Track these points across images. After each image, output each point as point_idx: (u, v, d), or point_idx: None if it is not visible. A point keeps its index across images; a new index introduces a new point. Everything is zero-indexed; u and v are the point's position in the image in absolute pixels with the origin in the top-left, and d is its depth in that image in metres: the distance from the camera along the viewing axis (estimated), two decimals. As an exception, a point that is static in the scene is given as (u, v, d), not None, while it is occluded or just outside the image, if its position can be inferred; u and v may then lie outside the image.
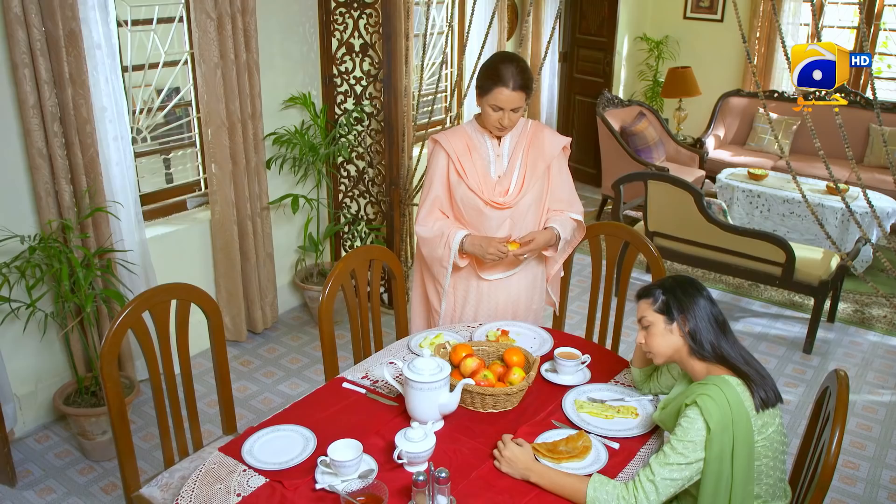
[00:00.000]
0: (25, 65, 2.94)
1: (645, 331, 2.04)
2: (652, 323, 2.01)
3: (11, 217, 3.09)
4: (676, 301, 1.98)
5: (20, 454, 3.27)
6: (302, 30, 4.20)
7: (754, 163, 6.25)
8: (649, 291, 2.05)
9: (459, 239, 2.65)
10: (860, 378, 4.00)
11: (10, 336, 3.23)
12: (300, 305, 4.67)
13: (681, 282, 2.03)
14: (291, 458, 2.01)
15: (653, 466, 1.85)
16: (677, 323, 1.98)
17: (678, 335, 1.98)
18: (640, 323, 2.06)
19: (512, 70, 2.47)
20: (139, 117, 3.69)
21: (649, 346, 2.03)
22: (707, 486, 1.86)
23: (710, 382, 1.89)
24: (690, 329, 1.96)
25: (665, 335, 2.00)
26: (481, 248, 2.61)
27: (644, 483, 1.84)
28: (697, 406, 1.85)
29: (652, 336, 2.02)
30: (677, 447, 1.84)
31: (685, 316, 1.97)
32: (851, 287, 4.99)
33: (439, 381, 2.06)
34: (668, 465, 1.84)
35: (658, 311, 2.00)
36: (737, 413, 1.83)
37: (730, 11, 7.08)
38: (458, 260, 2.68)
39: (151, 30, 3.66)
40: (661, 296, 2.01)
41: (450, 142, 2.66)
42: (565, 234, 2.71)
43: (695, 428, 1.84)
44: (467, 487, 1.90)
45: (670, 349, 2.00)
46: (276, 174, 4.22)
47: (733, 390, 1.86)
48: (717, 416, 1.82)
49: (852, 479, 3.22)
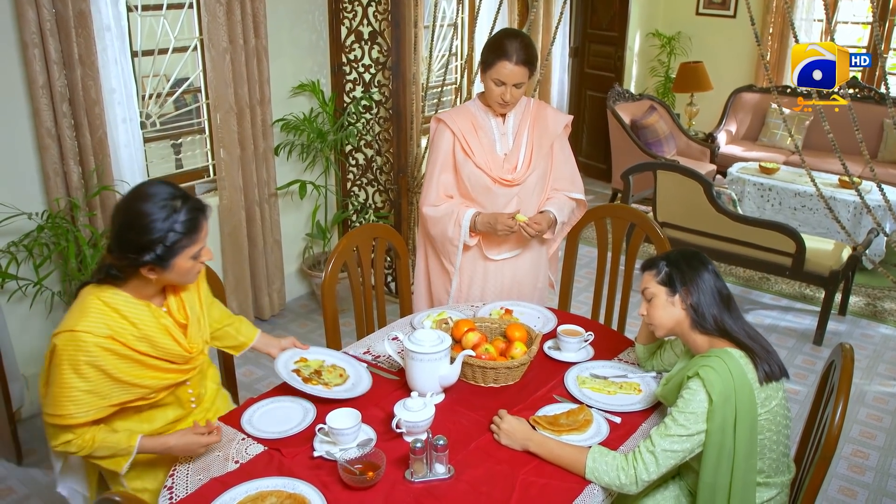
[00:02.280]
0: (35, 45, 2.96)
1: (648, 302, 2.03)
2: (655, 294, 2.00)
3: (20, 197, 3.11)
4: (680, 273, 1.96)
5: (27, 433, 3.28)
6: (311, 17, 4.21)
7: (766, 158, 6.20)
8: (653, 263, 2.04)
9: (470, 217, 2.64)
10: (871, 369, 3.95)
11: (18, 316, 3.26)
12: (308, 293, 4.67)
13: (686, 255, 2.01)
14: (291, 428, 2.01)
15: (653, 438, 1.83)
16: (679, 295, 1.96)
17: (680, 308, 1.96)
18: (643, 294, 2.04)
19: (516, 45, 2.47)
20: (148, 102, 3.71)
21: (651, 318, 2.02)
22: (709, 457, 1.84)
23: (713, 354, 1.87)
24: (693, 302, 1.94)
25: (667, 307, 1.98)
26: (490, 226, 2.61)
27: (644, 454, 1.82)
28: (700, 378, 1.83)
29: (654, 308, 2.00)
30: (678, 419, 1.83)
31: (688, 288, 1.95)
32: (863, 281, 4.94)
33: (440, 353, 2.05)
34: (668, 436, 1.82)
35: (661, 282, 1.99)
36: (739, 384, 1.81)
37: (742, 7, 7.03)
38: (469, 239, 2.68)
39: (161, 15, 3.68)
40: (664, 267, 1.99)
41: (454, 120, 2.66)
42: (562, 217, 2.73)
43: (697, 399, 1.82)
44: (466, 457, 1.89)
45: (672, 321, 1.98)
46: (284, 161, 4.23)
47: (736, 362, 1.84)
48: (720, 387, 1.80)
49: (861, 469, 3.18)
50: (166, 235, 1.76)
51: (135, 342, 1.82)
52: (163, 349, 1.88)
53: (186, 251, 1.81)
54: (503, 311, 2.60)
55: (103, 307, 1.79)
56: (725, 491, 1.85)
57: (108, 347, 1.77)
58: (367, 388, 2.15)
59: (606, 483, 1.81)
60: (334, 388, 2.14)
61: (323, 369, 2.23)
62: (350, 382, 2.19)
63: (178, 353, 1.92)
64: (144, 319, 1.84)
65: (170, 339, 1.89)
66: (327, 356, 2.32)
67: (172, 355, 1.90)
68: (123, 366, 1.81)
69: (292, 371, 2.19)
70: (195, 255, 1.84)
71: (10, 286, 3.09)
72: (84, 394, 1.76)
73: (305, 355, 2.29)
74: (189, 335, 1.95)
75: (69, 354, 1.74)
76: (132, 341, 1.81)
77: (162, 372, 1.90)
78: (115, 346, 1.78)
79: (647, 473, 1.81)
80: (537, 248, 2.82)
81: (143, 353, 1.84)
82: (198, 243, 1.84)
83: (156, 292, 1.91)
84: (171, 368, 1.92)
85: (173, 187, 1.82)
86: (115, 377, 1.79)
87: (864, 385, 3.80)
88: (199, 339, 1.99)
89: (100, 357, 1.76)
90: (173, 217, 1.77)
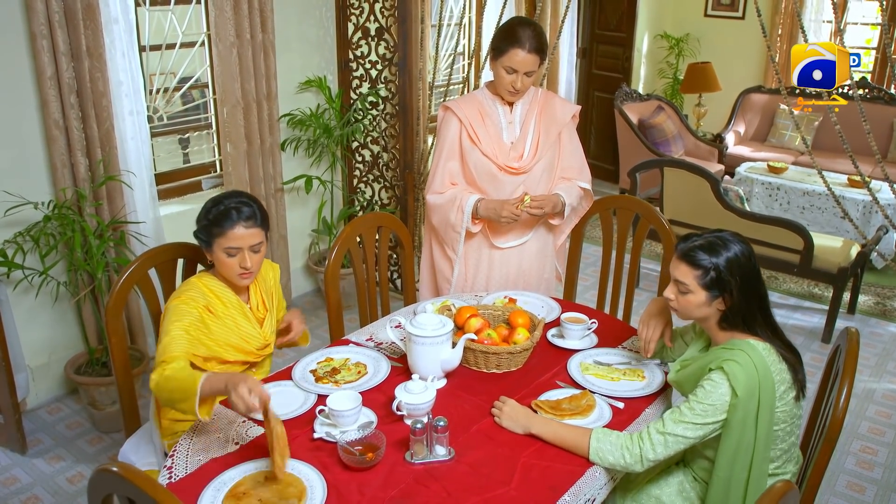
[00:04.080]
0: (43, 36, 2.98)
1: (680, 294, 1.90)
2: (691, 292, 1.87)
3: (27, 187, 3.12)
4: (727, 281, 1.83)
5: (32, 424, 3.29)
6: (319, 13, 4.23)
7: (775, 158, 6.17)
8: (695, 259, 1.86)
9: (473, 203, 2.64)
10: (880, 367, 3.91)
11: (25, 307, 3.27)
12: (313, 290, 4.67)
13: (736, 260, 1.84)
14: (292, 411, 2.00)
15: (665, 421, 1.81)
16: (720, 300, 1.86)
17: (716, 308, 1.88)
18: (675, 283, 1.91)
19: (528, 33, 2.46)
20: (156, 97, 3.73)
21: (679, 307, 1.92)
22: (726, 451, 1.81)
23: (736, 347, 1.82)
24: (731, 307, 1.86)
25: (702, 307, 1.88)
26: (495, 212, 2.59)
27: (653, 434, 1.80)
28: (724, 372, 1.78)
29: (687, 301, 1.89)
30: (696, 408, 1.79)
31: (731, 296, 1.84)
32: (873, 280, 4.90)
33: (442, 336, 2.05)
34: (682, 422, 1.79)
35: (703, 286, 1.85)
36: (763, 379, 1.77)
37: (751, 9, 7.01)
38: (471, 225, 2.67)
39: (169, 10, 3.70)
40: (711, 272, 1.84)
41: (461, 108, 2.65)
42: (571, 200, 2.70)
43: (718, 392, 1.78)
44: (468, 440, 1.88)
45: (700, 315, 1.91)
46: (290, 157, 4.24)
47: (759, 354, 1.79)
48: (745, 383, 1.75)
49: (870, 465, 3.14)
50: (209, 219, 2.08)
51: (223, 316, 2.14)
52: (243, 331, 2.17)
53: (219, 240, 2.07)
54: (507, 300, 2.59)
55: (202, 286, 2.14)
56: (741, 485, 1.82)
57: (205, 314, 2.09)
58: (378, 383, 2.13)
59: (611, 463, 1.79)
60: (343, 385, 2.12)
61: (343, 367, 2.21)
62: (364, 378, 2.17)
63: (254, 336, 2.19)
64: (232, 302, 2.17)
65: (248, 324, 2.18)
66: (352, 353, 2.30)
67: (251, 337, 2.18)
68: (216, 331, 2.11)
69: (309, 371, 2.19)
70: (228, 251, 2.07)
71: (15, 276, 3.10)
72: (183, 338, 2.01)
73: (331, 354, 2.29)
74: (264, 327, 2.24)
75: (178, 309, 2.05)
76: (221, 315, 2.13)
77: (238, 351, 2.17)
78: (210, 316, 2.11)
79: (654, 454, 1.79)
80: (544, 238, 2.81)
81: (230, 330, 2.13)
82: (229, 238, 2.06)
83: (240, 288, 2.20)
84: (246, 350, 2.18)
85: (245, 195, 2.14)
86: (204, 339, 2.08)
87: (873, 383, 3.76)
88: (271, 333, 2.27)
89: (198, 319, 2.07)
90: (219, 207, 2.08)
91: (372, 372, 2.19)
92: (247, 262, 2.09)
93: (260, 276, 2.29)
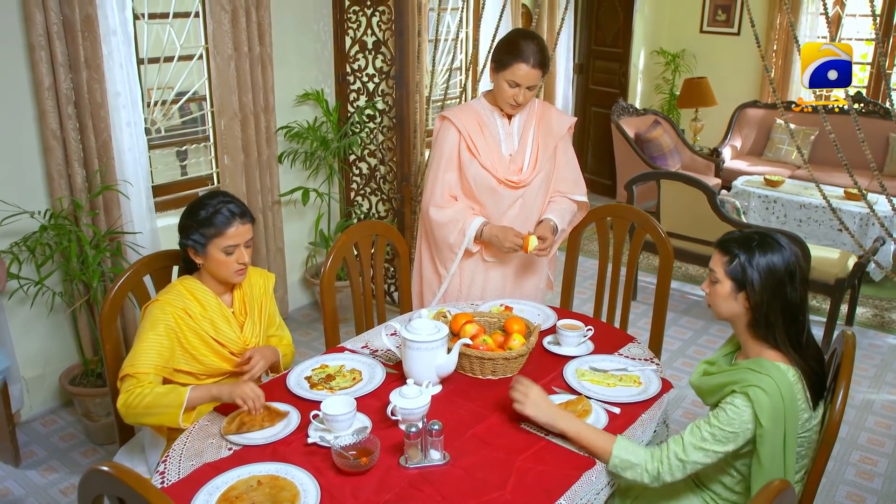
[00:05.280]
0: (42, 47, 3.00)
1: (711, 284, 1.87)
2: (719, 281, 1.83)
3: (24, 198, 3.12)
4: (751, 272, 1.77)
5: (26, 436, 3.27)
6: (316, 27, 4.26)
7: (771, 173, 6.19)
8: (728, 246, 1.82)
9: (476, 227, 2.62)
10: (879, 378, 3.90)
11: (20, 318, 3.26)
12: (311, 303, 4.66)
13: (765, 246, 1.78)
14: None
15: (685, 445, 1.77)
16: (745, 294, 1.79)
17: (742, 305, 1.81)
18: (710, 272, 1.87)
19: (532, 47, 2.46)
20: (153, 109, 3.75)
21: (711, 300, 1.88)
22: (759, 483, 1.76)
23: (764, 371, 1.74)
24: (756, 305, 1.78)
25: (728, 300, 1.83)
26: (498, 240, 2.58)
27: (672, 459, 1.77)
28: (749, 399, 1.72)
29: (716, 293, 1.85)
30: (717, 434, 1.75)
31: (755, 290, 1.77)
32: (871, 292, 4.89)
33: (436, 341, 2.04)
34: (702, 448, 1.76)
35: (729, 274, 1.80)
36: (789, 408, 1.72)
37: (746, 25, 7.07)
38: (472, 246, 2.66)
39: (168, 23, 3.73)
40: (737, 259, 1.79)
41: (460, 118, 2.64)
42: (563, 224, 2.72)
43: (741, 419, 1.73)
44: (463, 445, 1.87)
45: (730, 313, 1.85)
46: (288, 169, 4.25)
47: (786, 381, 1.73)
48: (770, 412, 1.69)
49: (870, 475, 3.12)
50: (199, 221, 2.09)
51: (201, 320, 2.13)
52: (222, 333, 2.17)
53: (216, 241, 2.10)
54: (503, 307, 2.58)
55: (182, 289, 2.15)
56: None
57: (181, 318, 2.10)
58: (373, 389, 2.12)
59: (628, 478, 1.79)
60: (338, 391, 2.11)
61: (338, 374, 2.20)
62: (360, 384, 2.15)
63: (234, 340, 2.19)
64: (212, 305, 2.17)
65: (228, 326, 2.18)
66: (347, 360, 2.29)
67: (229, 340, 2.18)
68: (191, 337, 2.12)
69: (304, 378, 2.18)
70: (226, 250, 2.11)
71: (11, 286, 3.09)
72: (154, 348, 2.03)
73: (326, 362, 2.28)
74: (244, 330, 2.23)
75: (153, 315, 2.07)
76: (199, 318, 2.13)
77: (219, 358, 2.17)
78: (187, 318, 2.11)
79: (672, 477, 1.78)
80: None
81: (206, 332, 2.13)
82: (227, 237, 2.10)
83: (223, 290, 2.22)
84: (226, 356, 2.18)
85: (227, 194, 2.18)
86: (182, 344, 2.10)
87: (872, 394, 3.75)
88: (252, 337, 2.25)
89: (174, 323, 2.08)
90: (208, 209, 2.10)
91: (367, 378, 2.18)
92: (244, 257, 2.15)
93: (246, 283, 2.29)
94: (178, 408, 1.95)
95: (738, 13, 7.15)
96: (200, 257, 2.14)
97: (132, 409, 1.97)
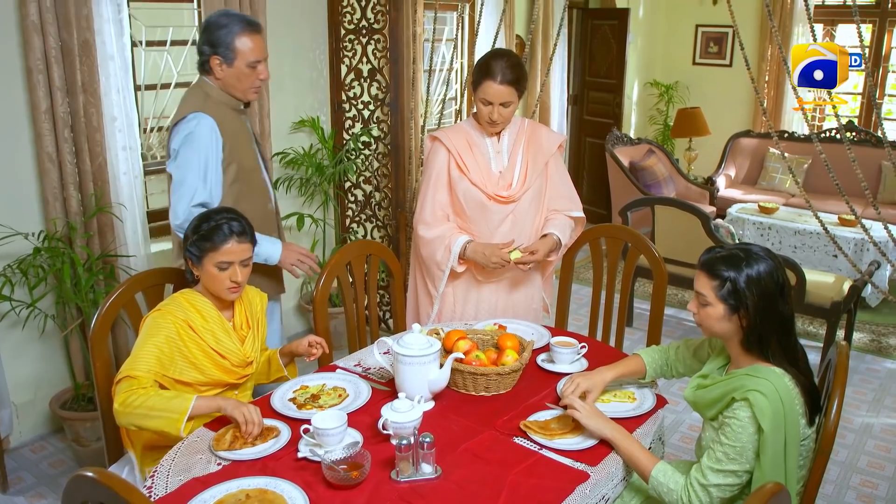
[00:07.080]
0: (40, 71, 3.03)
1: (701, 306, 1.85)
2: (710, 304, 1.81)
3: (18, 220, 3.12)
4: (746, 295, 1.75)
5: (14, 463, 3.22)
6: (312, 55, 4.31)
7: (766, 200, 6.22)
8: (715, 269, 1.79)
9: (461, 244, 2.63)
10: (878, 402, 3.87)
11: (12, 342, 3.23)
12: (305, 330, 4.64)
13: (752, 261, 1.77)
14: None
15: (705, 470, 1.76)
16: (739, 315, 1.78)
17: (737, 325, 1.80)
18: (696, 295, 1.85)
19: (501, 65, 2.49)
20: (150, 134, 3.77)
21: (701, 321, 1.87)
22: None
23: (761, 375, 1.74)
24: (751, 325, 1.77)
25: (721, 322, 1.81)
26: (483, 257, 2.59)
27: (696, 488, 1.76)
28: (749, 404, 1.70)
29: (707, 315, 1.83)
30: (730, 453, 1.73)
31: (749, 312, 1.76)
32: (867, 318, 4.88)
33: (429, 356, 2.02)
34: (721, 471, 1.74)
35: (721, 298, 1.79)
36: (789, 410, 1.70)
37: (738, 56, 7.18)
38: (457, 266, 2.66)
39: (165, 50, 3.77)
40: (728, 282, 1.77)
41: (449, 138, 2.68)
42: (565, 238, 2.72)
43: (747, 432, 1.71)
44: (455, 459, 1.85)
45: (722, 330, 1.84)
46: (283, 195, 4.26)
47: (784, 384, 1.72)
48: (770, 415, 1.68)
49: (871, 498, 3.08)
50: (200, 234, 2.11)
51: (202, 331, 2.14)
52: (223, 345, 2.17)
53: (211, 255, 2.11)
54: (496, 326, 2.57)
55: (184, 301, 2.17)
56: None
57: (183, 328, 2.10)
58: (363, 404, 2.10)
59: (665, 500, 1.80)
60: (329, 408, 2.09)
61: (322, 393, 2.19)
62: (347, 401, 2.14)
63: (235, 352, 2.20)
64: (213, 317, 2.18)
65: (228, 338, 2.19)
66: (328, 379, 2.27)
67: (230, 352, 2.19)
68: (193, 348, 2.12)
69: (288, 400, 2.15)
70: (220, 265, 2.12)
71: (2, 308, 3.08)
72: (154, 354, 2.03)
73: (305, 382, 2.26)
74: (245, 344, 2.24)
75: (155, 323, 2.09)
76: (200, 330, 2.14)
77: (219, 369, 2.17)
78: (188, 329, 2.12)
79: None
80: (532, 270, 2.80)
81: (207, 343, 2.14)
82: (221, 253, 2.11)
83: (224, 305, 2.23)
84: (226, 367, 2.19)
85: (233, 211, 2.19)
86: (182, 353, 2.10)
87: (871, 418, 3.72)
88: (252, 351, 2.26)
89: (175, 333, 2.09)
90: (210, 223, 2.11)
91: (353, 395, 2.16)
92: (237, 275, 2.14)
93: (246, 298, 2.29)
94: (181, 414, 1.91)
95: (730, 46, 7.27)
96: (197, 269, 2.16)
97: (131, 407, 1.92)
